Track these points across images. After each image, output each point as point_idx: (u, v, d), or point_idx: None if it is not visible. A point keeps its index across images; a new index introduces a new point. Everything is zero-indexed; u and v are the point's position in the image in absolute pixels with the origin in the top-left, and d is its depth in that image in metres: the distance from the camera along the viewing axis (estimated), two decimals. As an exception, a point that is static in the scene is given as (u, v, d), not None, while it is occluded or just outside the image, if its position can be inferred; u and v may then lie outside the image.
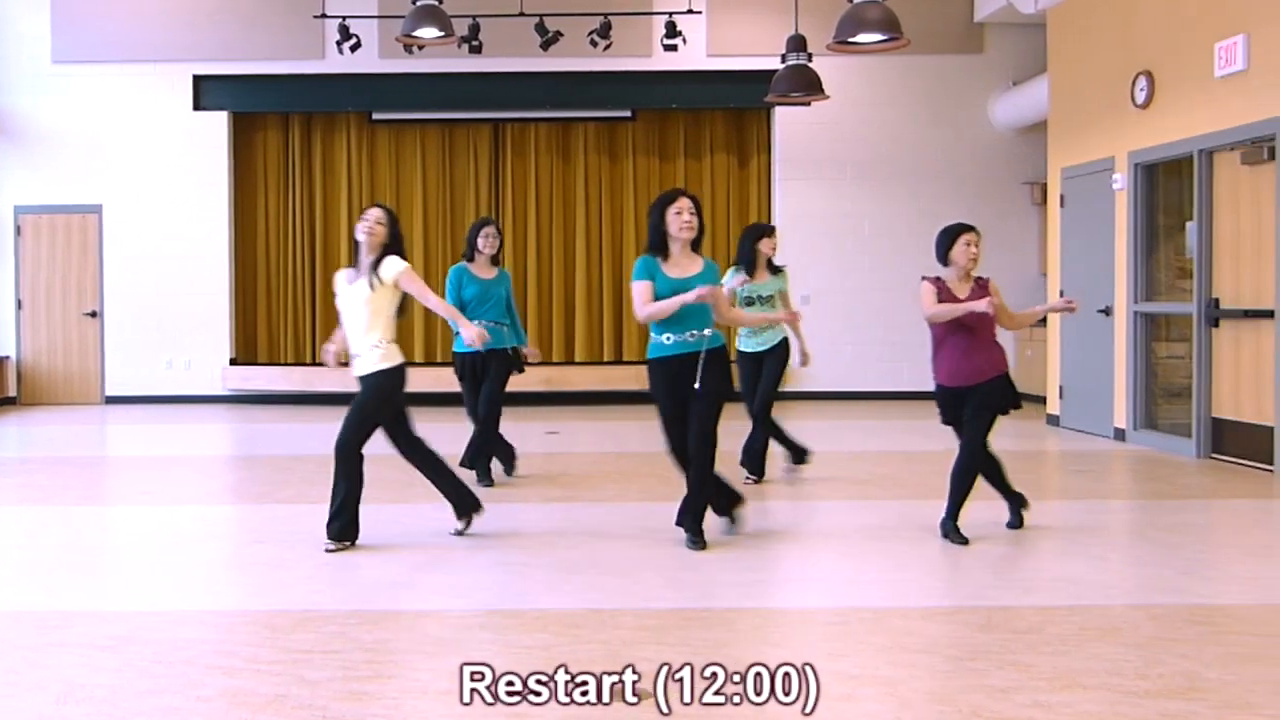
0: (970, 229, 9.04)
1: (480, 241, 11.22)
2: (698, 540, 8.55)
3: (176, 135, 19.53)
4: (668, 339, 8.53)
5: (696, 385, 8.46)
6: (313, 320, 20.25)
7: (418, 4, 13.84)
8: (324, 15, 17.62)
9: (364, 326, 8.59)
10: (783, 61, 14.66)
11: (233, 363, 19.70)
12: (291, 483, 11.70)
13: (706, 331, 8.54)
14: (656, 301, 8.45)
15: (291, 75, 19.47)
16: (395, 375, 8.65)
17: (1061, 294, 15.37)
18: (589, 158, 20.32)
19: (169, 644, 6.28)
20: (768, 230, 11.35)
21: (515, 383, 11.22)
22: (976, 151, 19.64)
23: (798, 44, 14.34)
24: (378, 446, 8.69)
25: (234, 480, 12.80)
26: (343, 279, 8.86)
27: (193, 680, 5.69)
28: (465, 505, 9.02)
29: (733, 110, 20.07)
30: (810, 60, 14.47)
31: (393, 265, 8.61)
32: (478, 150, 20.31)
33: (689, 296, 8.35)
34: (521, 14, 17.24)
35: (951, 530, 8.79)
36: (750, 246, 11.15)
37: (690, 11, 17.64)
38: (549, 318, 20.31)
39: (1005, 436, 15.11)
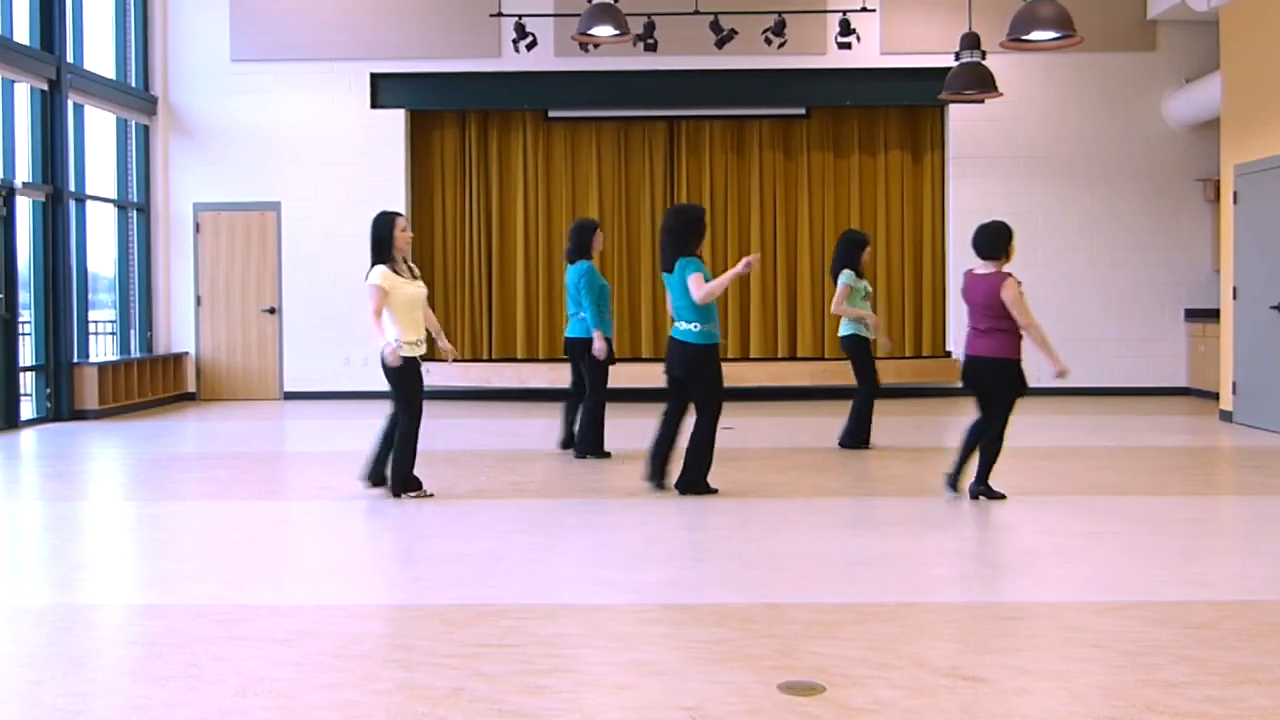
0: None
1: (596, 241, 12.63)
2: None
3: (354, 133, 19.87)
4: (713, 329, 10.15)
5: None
6: (489, 317, 20.53)
7: (593, 2, 14.03)
8: (500, 14, 17.96)
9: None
10: (956, 59, 14.70)
11: (409, 359, 19.89)
12: (467, 477, 11.76)
13: None
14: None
15: (468, 74, 19.75)
16: None
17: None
18: (764, 155, 20.41)
19: (347, 638, 6.39)
20: (869, 241, 13.44)
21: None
22: (1149, 148, 19.48)
23: (971, 41, 14.37)
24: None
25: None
26: (395, 277, 10.07)
27: (370, 674, 5.77)
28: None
29: (906, 107, 20.08)
30: (984, 58, 14.50)
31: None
32: (653, 148, 20.47)
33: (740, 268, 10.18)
34: (696, 12, 17.40)
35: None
36: (858, 254, 13.14)
37: (864, 9, 17.68)
38: (723, 314, 20.28)
39: (1178, 432, 15.02)
